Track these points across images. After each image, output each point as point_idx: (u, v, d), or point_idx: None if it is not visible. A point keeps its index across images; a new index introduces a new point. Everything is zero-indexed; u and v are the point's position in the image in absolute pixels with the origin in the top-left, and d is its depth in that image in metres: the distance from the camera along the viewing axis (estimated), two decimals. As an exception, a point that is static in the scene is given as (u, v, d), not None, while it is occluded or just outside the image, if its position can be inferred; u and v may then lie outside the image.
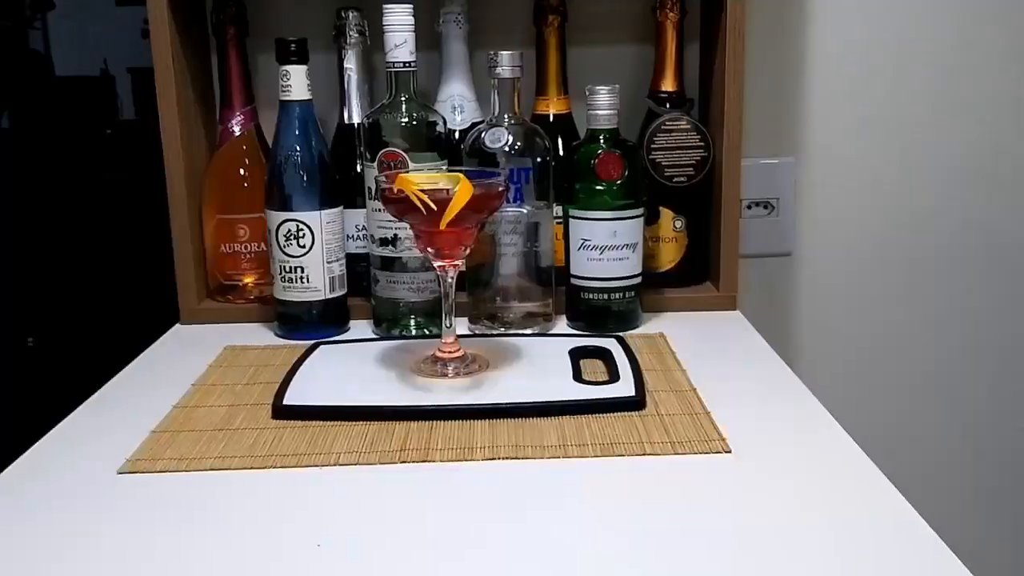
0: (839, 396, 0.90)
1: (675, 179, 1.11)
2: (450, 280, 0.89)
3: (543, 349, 0.95)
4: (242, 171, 1.11)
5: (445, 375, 0.88)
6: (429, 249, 0.86)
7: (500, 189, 0.85)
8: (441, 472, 0.72)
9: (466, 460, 0.73)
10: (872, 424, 1.29)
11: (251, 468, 0.73)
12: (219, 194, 1.11)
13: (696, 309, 1.11)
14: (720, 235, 1.10)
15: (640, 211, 1.02)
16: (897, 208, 1.26)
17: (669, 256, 1.14)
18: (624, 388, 0.84)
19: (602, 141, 1.01)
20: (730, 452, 0.73)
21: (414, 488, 0.70)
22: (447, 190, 0.81)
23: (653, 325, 1.06)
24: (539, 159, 1.00)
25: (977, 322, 1.29)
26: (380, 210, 0.95)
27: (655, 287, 1.11)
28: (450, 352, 0.90)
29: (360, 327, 1.07)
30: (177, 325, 1.11)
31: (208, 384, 0.90)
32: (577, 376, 0.87)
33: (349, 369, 0.91)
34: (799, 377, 0.90)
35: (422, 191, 0.80)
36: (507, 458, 0.73)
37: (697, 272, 1.16)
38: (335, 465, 0.73)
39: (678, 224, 1.13)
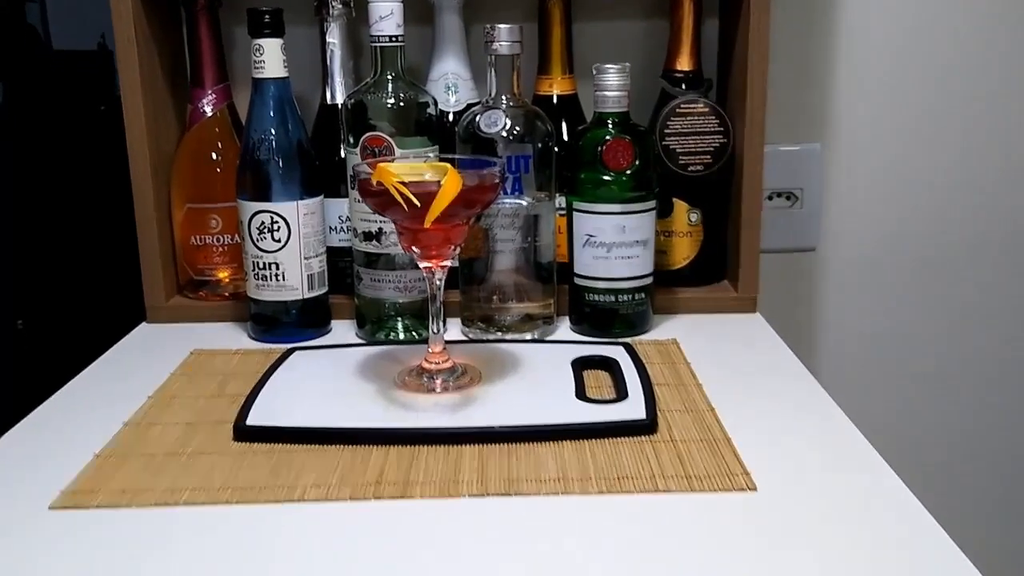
0: (866, 406, 0.81)
1: (690, 168, 1.01)
2: (437, 282, 0.79)
3: (542, 358, 0.85)
4: (214, 155, 1.01)
5: (432, 390, 0.78)
6: (414, 248, 0.76)
7: (495, 181, 0.75)
8: (422, 511, 0.62)
9: (450, 497, 0.63)
10: (906, 437, 1.19)
11: (203, 504, 0.63)
12: (189, 181, 1.01)
13: (712, 311, 1.01)
14: (739, 230, 1.00)
15: (652, 204, 0.92)
16: (932, 201, 1.15)
17: (683, 252, 1.04)
18: (633, 408, 0.74)
19: (610, 126, 0.91)
20: (755, 490, 0.63)
21: (390, 531, 0.60)
22: (434, 183, 0.71)
23: (665, 329, 0.96)
24: (540, 145, 0.90)
25: (1021, 323, 1.19)
26: (361, 201, 0.85)
27: (667, 286, 1.01)
28: (438, 363, 0.80)
29: (343, 328, 0.98)
30: (143, 324, 1.01)
31: (167, 396, 0.81)
32: (580, 392, 0.77)
33: (324, 381, 0.81)
34: (823, 385, 0.81)
35: (404, 183, 0.70)
36: (498, 494, 0.63)
37: (713, 270, 1.05)
38: (300, 501, 0.63)
39: (693, 217, 1.03)
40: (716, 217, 1.04)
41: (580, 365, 0.84)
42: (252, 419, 0.73)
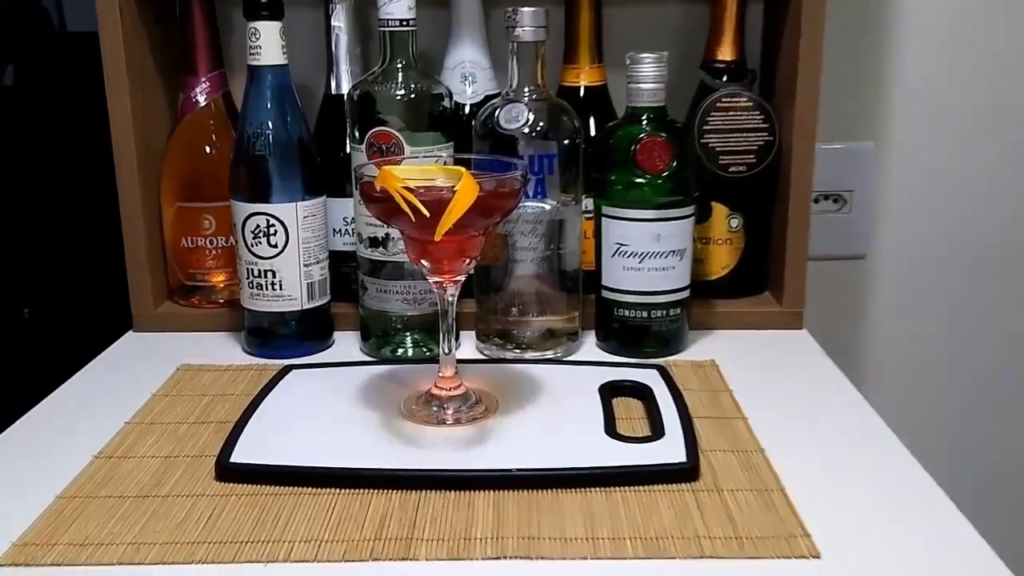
0: (919, 430, 0.72)
1: (732, 168, 0.91)
2: (449, 298, 0.70)
3: (566, 383, 0.76)
4: (207, 149, 0.92)
5: (442, 421, 0.69)
6: (423, 262, 0.67)
7: (517, 186, 0.66)
8: None
9: (461, 559, 0.54)
10: (968, 463, 1.09)
11: (173, 563, 0.54)
12: (179, 177, 0.92)
13: (753, 327, 0.91)
14: (785, 237, 0.90)
15: (690, 210, 0.83)
16: (993, 206, 1.05)
17: (721, 261, 0.94)
18: (671, 448, 0.65)
19: (645, 122, 0.81)
20: (819, 557, 0.54)
21: (389, 599, 0.51)
22: (445, 189, 0.62)
23: (701, 348, 0.87)
24: (567, 142, 0.81)
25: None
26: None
27: (703, 298, 0.91)
28: (449, 389, 0.71)
29: (347, 340, 0.89)
30: (130, 332, 0.93)
31: (146, 422, 0.72)
32: (610, 427, 0.68)
33: (322, 408, 0.72)
34: (874, 407, 0.72)
35: (412, 189, 0.61)
36: (516, 557, 0.54)
37: (754, 281, 0.96)
38: (286, 561, 0.54)
39: (733, 223, 0.93)
40: (758, 223, 0.94)
41: (609, 392, 0.74)
42: (238, 455, 0.64)
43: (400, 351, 0.85)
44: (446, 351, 0.72)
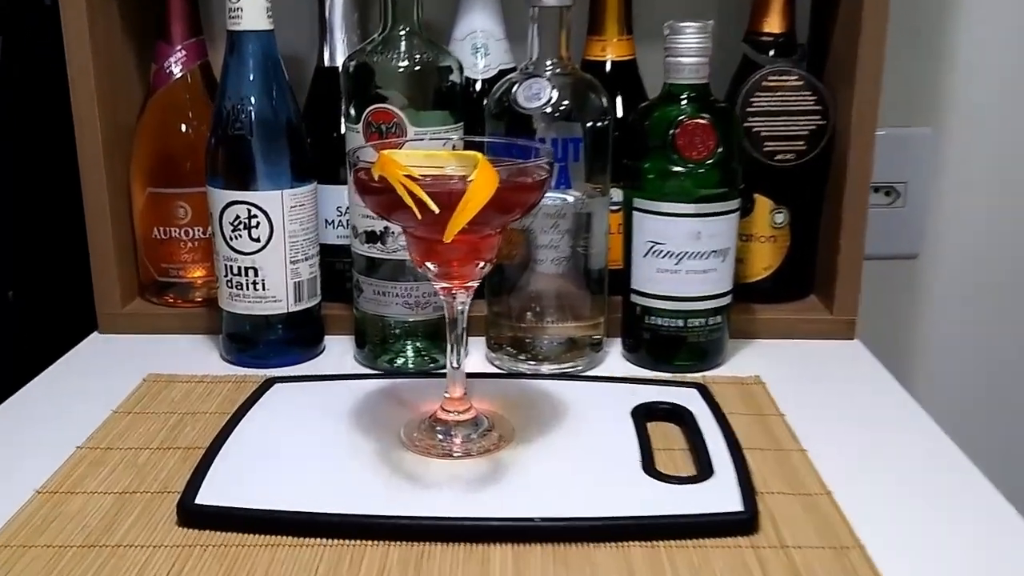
0: (981, 450, 0.62)
1: (778, 156, 0.80)
2: (459, 306, 0.59)
3: (593, 404, 0.66)
4: (183, 128, 0.81)
5: (449, 453, 0.59)
6: (428, 264, 0.57)
7: (541, 177, 0.55)
8: (431, 661, 0.43)
9: (473, 641, 0.44)
10: None
11: (116, 641, 0.44)
12: (151, 160, 0.82)
13: (799, 336, 0.81)
14: (838, 235, 0.79)
15: (735, 204, 0.72)
16: (1063, 200, 0.94)
17: (764, 261, 0.83)
18: (723, 492, 0.54)
19: (685, 102, 0.71)
20: (917, 643, 0.44)
21: None
22: (458, 179, 0.51)
23: (742, 361, 0.76)
24: (595, 125, 0.70)
25: None
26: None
27: (742, 302, 0.81)
28: (457, 412, 0.61)
29: (340, 346, 0.78)
30: (94, 334, 0.82)
31: (102, 447, 0.62)
32: (648, 462, 0.58)
33: (308, 433, 0.62)
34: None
35: (416, 179, 0.50)
36: (542, 638, 0.44)
37: (799, 283, 0.85)
38: (256, 639, 0.44)
39: (779, 218, 0.82)
40: (806, 218, 0.83)
41: (643, 415, 0.64)
42: (205, 494, 0.54)
43: (400, 361, 0.74)
44: (454, 365, 0.61)
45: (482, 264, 0.57)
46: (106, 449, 0.61)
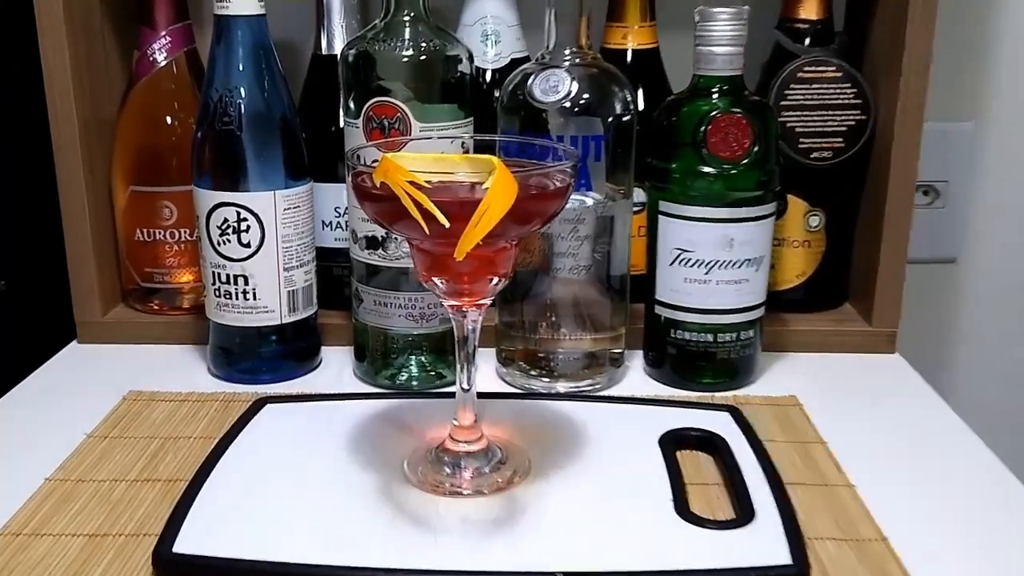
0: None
1: (814, 154, 0.74)
2: (470, 325, 0.53)
3: (616, 430, 0.60)
4: (168, 120, 0.75)
5: (457, 491, 0.53)
6: (435, 280, 0.50)
7: (566, 183, 0.48)
8: None
9: None
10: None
11: None
12: (133, 155, 0.75)
13: (835, 350, 0.74)
14: (879, 239, 0.73)
15: (771, 208, 0.66)
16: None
17: (796, 268, 0.77)
18: (767, 540, 0.48)
19: (716, 95, 0.64)
20: None
21: None
22: (470, 186, 0.45)
23: (775, 378, 0.70)
24: (617, 120, 0.64)
25: None
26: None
27: (772, 311, 0.74)
28: (467, 442, 0.55)
29: (337, 359, 0.72)
30: (73, 343, 0.76)
31: (73, 479, 0.56)
32: (681, 502, 0.52)
33: (302, 464, 0.56)
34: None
35: (423, 187, 0.44)
36: None
37: (833, 292, 0.79)
38: None
39: (813, 221, 0.76)
40: (842, 222, 0.77)
41: (672, 443, 0.58)
42: (184, 541, 0.48)
43: (403, 377, 0.68)
44: (464, 387, 0.55)
45: (496, 280, 0.50)
46: (77, 481, 0.55)
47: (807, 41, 0.74)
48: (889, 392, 0.69)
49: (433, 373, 0.68)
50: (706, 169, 0.64)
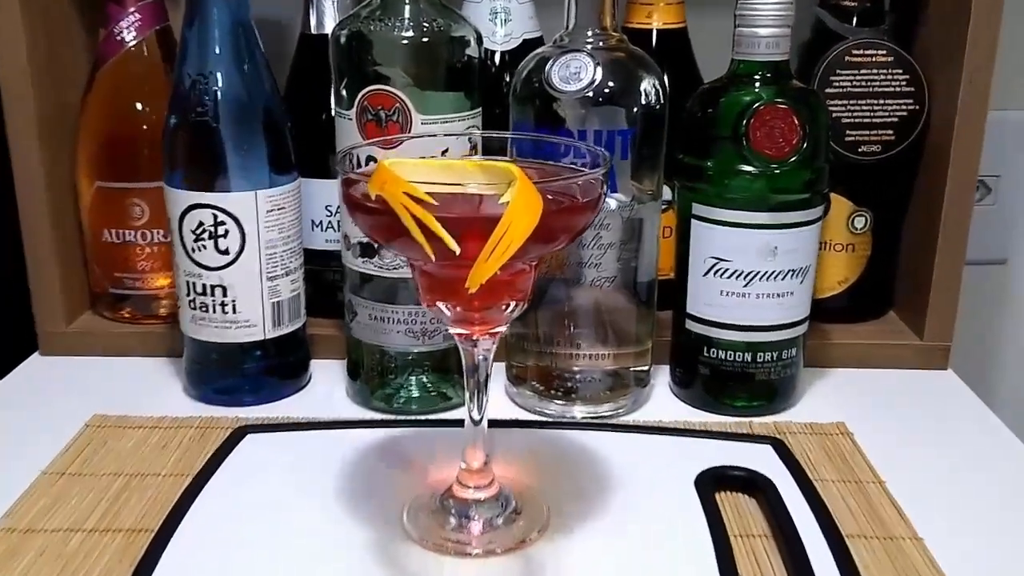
0: None
1: (861, 148, 0.66)
2: (482, 354, 0.45)
3: (646, 469, 0.52)
4: (139, 107, 0.67)
5: (464, 549, 0.45)
6: (441, 306, 0.43)
7: (596, 194, 0.41)
8: None
9: None
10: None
11: None
12: (100, 147, 0.67)
13: (881, 365, 0.67)
14: (932, 244, 0.65)
15: (818, 212, 0.58)
16: None
17: (839, 273, 0.70)
18: (833, 615, 0.41)
19: (759, 83, 0.56)
20: None
21: None
22: (484, 200, 0.37)
23: (818, 399, 0.63)
24: (646, 110, 0.56)
25: None
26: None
27: (813, 322, 0.66)
28: (476, 488, 0.47)
29: (329, 375, 0.65)
30: (35, 356, 0.69)
31: (20, 528, 0.48)
32: (726, 561, 0.44)
33: (284, 515, 0.48)
34: None
35: (423, 202, 0.36)
36: None
37: (877, 300, 0.72)
38: None
39: (858, 222, 0.68)
40: (889, 223, 0.69)
41: (710, 484, 0.51)
42: (143, 615, 0.40)
43: (402, 399, 0.60)
44: (474, 418, 0.47)
45: (512, 305, 0.43)
46: (25, 532, 0.48)
47: (854, 21, 0.66)
48: (946, 417, 0.61)
49: (436, 394, 0.61)
50: (747, 168, 0.56)
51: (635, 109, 0.56)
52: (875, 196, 0.68)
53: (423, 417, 0.59)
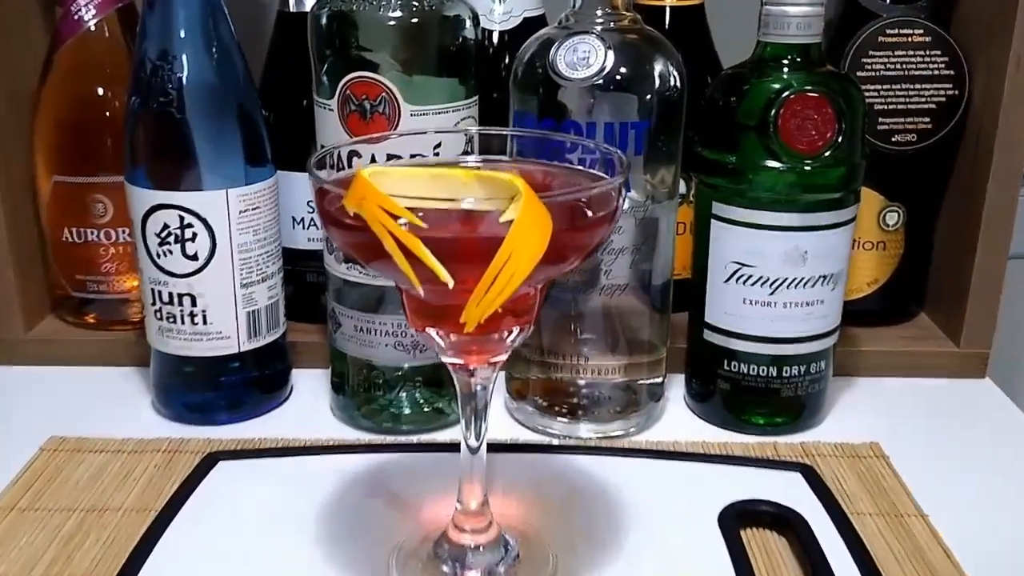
0: None
1: (895, 137, 0.60)
2: (480, 383, 0.40)
3: (663, 502, 0.47)
4: (100, 92, 0.61)
5: (462, 605, 0.40)
6: (432, 333, 0.37)
7: (612, 206, 0.35)
8: None
9: None
10: None
11: None
12: (58, 137, 0.61)
13: (912, 374, 0.62)
14: (972, 243, 0.60)
15: (852, 212, 0.52)
16: None
17: (868, 274, 0.64)
18: None
19: (787, 70, 0.50)
20: None
21: None
22: (484, 221, 0.32)
23: (846, 414, 0.58)
24: (662, 99, 0.50)
25: None
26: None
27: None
28: (474, 530, 0.42)
29: (311, 387, 0.59)
30: (-8, 366, 0.63)
31: (-40, 577, 0.43)
32: (758, 621, 0.39)
33: (258, 555, 0.43)
34: None
35: (411, 225, 0.30)
36: None
37: (907, 301, 0.66)
38: None
39: (890, 218, 0.63)
40: (923, 219, 0.64)
41: (734, 520, 0.45)
42: None
43: (392, 416, 0.55)
44: (471, 446, 0.42)
45: (515, 332, 0.37)
46: (-37, 582, 0.42)
47: (888, -2, 0.60)
48: (988, 434, 0.56)
49: (430, 410, 0.55)
50: (775, 163, 0.50)
51: (650, 98, 0.50)
52: (909, 190, 0.62)
53: (415, 439, 0.54)
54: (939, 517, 0.47)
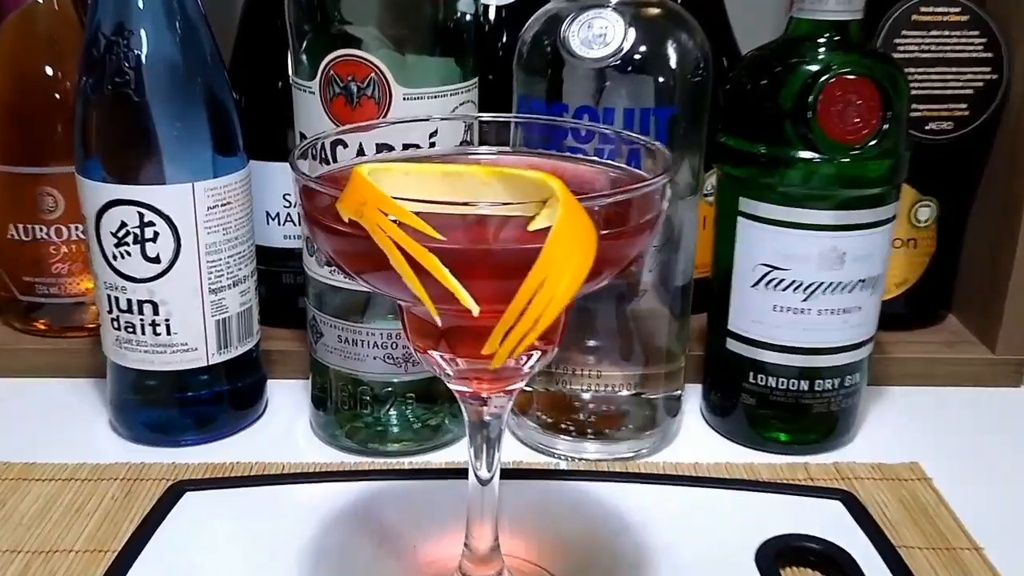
0: None
1: (931, 125, 0.55)
2: (493, 410, 0.34)
3: (691, 538, 0.42)
4: (49, 72, 0.54)
5: (472, 672, 0.34)
6: (435, 355, 0.31)
7: (654, 213, 0.29)
8: None
9: None
10: None
11: None
12: (2, 123, 0.55)
13: (943, 382, 0.57)
14: (1014, 240, 0.55)
15: (893, 209, 0.47)
16: None
17: (898, 274, 0.59)
18: None
19: (824, 51, 0.45)
20: None
21: None
22: (513, 229, 0.26)
23: (880, 429, 0.53)
24: (688, 82, 0.44)
25: None
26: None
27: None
28: (482, 573, 0.36)
29: (289, 402, 0.54)
30: (-70, 379, 0.57)
31: None
32: None
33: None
34: None
35: (423, 236, 0.24)
36: None
37: (937, 303, 0.61)
38: None
39: (923, 214, 0.58)
40: (957, 214, 0.59)
41: (772, 558, 0.40)
42: None
43: (380, 437, 0.49)
44: (482, 478, 0.36)
45: (537, 356, 0.32)
46: None
47: (923, -28, 0.55)
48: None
49: (422, 427, 0.50)
50: (811, 155, 0.45)
51: (675, 81, 0.44)
52: (943, 182, 0.57)
53: (407, 463, 0.48)
54: (994, 551, 0.42)
